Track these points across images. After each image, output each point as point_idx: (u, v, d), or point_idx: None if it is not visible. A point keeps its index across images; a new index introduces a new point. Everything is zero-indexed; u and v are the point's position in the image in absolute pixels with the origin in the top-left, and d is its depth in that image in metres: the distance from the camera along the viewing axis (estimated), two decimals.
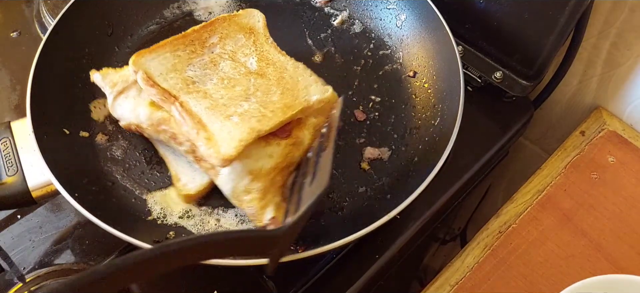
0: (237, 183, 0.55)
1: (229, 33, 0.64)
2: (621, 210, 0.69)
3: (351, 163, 0.64)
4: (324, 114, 0.60)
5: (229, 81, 0.59)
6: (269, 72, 0.60)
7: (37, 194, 0.56)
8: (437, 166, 0.57)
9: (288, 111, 0.56)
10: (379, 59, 0.74)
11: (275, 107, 0.56)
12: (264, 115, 0.55)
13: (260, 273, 0.60)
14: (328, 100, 0.59)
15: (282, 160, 0.56)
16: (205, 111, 0.56)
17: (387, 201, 0.60)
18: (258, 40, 0.64)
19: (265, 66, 0.61)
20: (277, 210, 0.55)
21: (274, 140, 0.56)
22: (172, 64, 0.59)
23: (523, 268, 0.64)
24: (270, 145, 0.56)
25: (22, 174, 0.56)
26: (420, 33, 0.72)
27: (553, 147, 0.80)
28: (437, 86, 0.68)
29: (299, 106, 0.57)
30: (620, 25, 0.72)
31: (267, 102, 0.57)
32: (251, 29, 0.65)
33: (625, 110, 0.78)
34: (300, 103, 0.57)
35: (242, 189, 0.55)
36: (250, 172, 0.55)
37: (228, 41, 0.64)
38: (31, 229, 0.63)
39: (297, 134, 0.58)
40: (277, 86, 0.59)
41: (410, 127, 0.67)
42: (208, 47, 0.63)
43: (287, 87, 0.59)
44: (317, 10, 0.78)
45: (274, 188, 0.56)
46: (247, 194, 0.55)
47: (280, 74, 0.60)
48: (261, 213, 0.55)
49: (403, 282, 0.92)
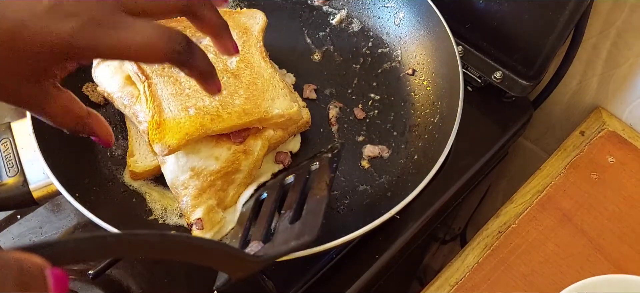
0: (178, 175, 0.55)
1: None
2: (621, 209, 0.69)
3: (351, 161, 0.64)
4: (287, 131, 0.60)
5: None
6: (244, 75, 0.60)
7: (38, 194, 0.56)
8: (438, 162, 0.57)
9: (244, 117, 0.56)
10: (377, 57, 0.74)
11: (233, 110, 0.56)
12: (220, 115, 0.55)
13: (260, 272, 0.60)
14: (290, 116, 0.58)
15: (227, 165, 0.55)
16: (168, 97, 0.56)
17: (387, 199, 0.60)
18: (248, 41, 0.64)
19: (243, 68, 0.61)
20: (206, 212, 0.54)
21: (225, 143, 0.56)
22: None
23: (523, 268, 0.64)
24: (220, 147, 0.56)
25: (23, 174, 0.56)
26: (418, 31, 0.72)
27: (553, 147, 0.80)
28: (436, 84, 0.68)
29: (257, 115, 0.56)
30: (620, 26, 0.72)
31: (227, 104, 0.56)
32: (246, 29, 0.65)
33: (625, 110, 0.78)
34: (259, 112, 0.56)
35: (180, 182, 0.55)
36: (193, 169, 0.55)
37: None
38: (31, 229, 0.63)
39: (250, 143, 0.57)
40: (245, 90, 0.58)
41: (410, 125, 0.67)
42: (198, 37, 0.63)
43: (254, 93, 0.58)
44: (315, 9, 0.78)
45: (211, 190, 0.55)
46: (184, 188, 0.55)
47: (253, 79, 0.60)
48: (191, 210, 0.54)
49: (403, 282, 0.92)
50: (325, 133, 0.66)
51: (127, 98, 0.59)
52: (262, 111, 0.57)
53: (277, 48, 0.70)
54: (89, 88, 0.65)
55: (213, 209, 0.55)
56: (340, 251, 0.62)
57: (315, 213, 0.48)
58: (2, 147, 0.58)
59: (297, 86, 0.70)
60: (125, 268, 0.60)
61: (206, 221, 0.54)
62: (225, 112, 0.55)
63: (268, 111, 0.57)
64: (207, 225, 0.54)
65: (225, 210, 0.57)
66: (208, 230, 0.54)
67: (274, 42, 0.69)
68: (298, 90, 0.69)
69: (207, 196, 0.55)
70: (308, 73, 0.71)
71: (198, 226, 0.54)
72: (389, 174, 0.63)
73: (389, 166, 0.64)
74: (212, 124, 0.54)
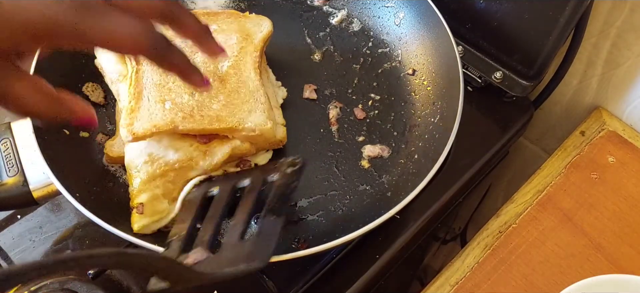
0: (135, 157, 0.55)
1: (227, 29, 0.64)
2: (621, 209, 0.69)
3: (351, 161, 0.64)
4: (256, 145, 0.59)
5: None
6: (230, 81, 0.60)
7: (38, 194, 0.56)
8: (438, 162, 0.57)
9: (215, 123, 0.55)
10: (377, 57, 0.74)
11: (207, 114, 0.56)
12: (193, 116, 0.55)
13: (260, 272, 0.60)
14: (262, 132, 0.57)
15: (184, 160, 0.55)
16: (151, 85, 0.57)
17: (387, 199, 0.60)
18: (245, 48, 0.63)
19: (232, 74, 0.60)
20: (150, 200, 0.54)
21: (189, 138, 0.56)
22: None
23: (523, 268, 0.64)
24: (182, 140, 0.56)
25: (23, 174, 0.56)
26: (418, 31, 0.72)
27: (553, 147, 0.80)
28: (436, 83, 0.68)
29: (229, 124, 0.56)
30: (620, 26, 0.72)
31: (205, 106, 0.56)
32: (248, 36, 0.64)
33: (625, 110, 0.78)
34: (232, 122, 0.56)
35: (135, 165, 0.55)
36: (150, 155, 0.55)
37: (221, 36, 0.63)
38: (31, 229, 0.63)
39: (213, 146, 0.57)
40: (225, 96, 0.58)
41: (410, 125, 0.67)
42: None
43: (233, 101, 0.58)
44: (315, 9, 0.78)
45: (161, 180, 0.55)
46: (137, 171, 0.55)
47: (237, 87, 0.59)
48: (137, 194, 0.54)
49: (403, 282, 0.92)
50: (325, 133, 0.66)
51: (116, 75, 0.60)
52: (235, 121, 0.56)
53: (277, 48, 0.70)
54: (89, 88, 0.65)
55: (158, 198, 0.55)
56: (340, 251, 0.62)
57: (268, 237, 0.46)
58: (2, 147, 0.58)
59: (297, 86, 0.70)
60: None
61: (148, 208, 0.54)
62: (199, 113, 0.56)
63: (241, 123, 0.56)
64: (147, 212, 0.54)
65: (171, 203, 0.56)
66: (147, 216, 0.54)
67: (274, 42, 0.69)
68: (298, 90, 0.69)
69: (155, 184, 0.55)
70: (308, 73, 0.71)
71: (139, 210, 0.54)
72: (389, 174, 0.63)
73: (389, 166, 0.64)
74: (183, 123, 0.54)
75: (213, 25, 0.64)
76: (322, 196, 0.61)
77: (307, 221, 0.59)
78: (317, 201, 0.60)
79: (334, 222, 0.59)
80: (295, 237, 0.57)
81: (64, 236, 0.63)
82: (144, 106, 0.55)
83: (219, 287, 0.58)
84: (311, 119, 0.67)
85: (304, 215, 0.59)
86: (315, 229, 0.58)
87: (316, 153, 0.64)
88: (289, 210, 0.52)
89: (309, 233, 0.57)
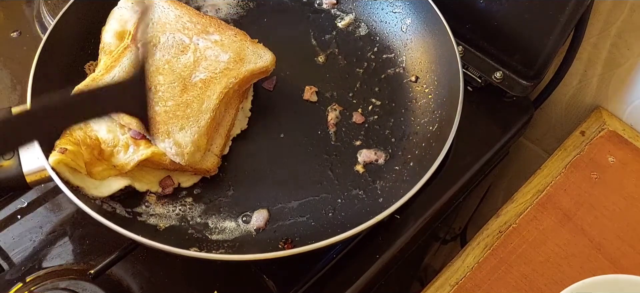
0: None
1: (226, 45, 0.64)
2: (621, 209, 0.69)
3: (346, 165, 0.64)
4: (175, 164, 0.59)
5: (170, 69, 0.61)
6: (190, 92, 0.60)
7: (31, 179, 0.57)
8: (429, 172, 0.56)
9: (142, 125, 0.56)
10: (382, 62, 0.74)
11: (150, 112, 0.56)
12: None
13: (261, 272, 0.60)
14: (178, 153, 0.56)
15: (109, 145, 0.57)
16: (125, 67, 0.59)
17: (379, 205, 0.60)
18: (229, 71, 0.62)
19: (197, 87, 0.60)
20: (73, 153, 0.55)
21: (125, 129, 0.58)
22: (170, 19, 0.64)
23: (523, 268, 0.64)
24: (121, 128, 0.58)
25: (18, 159, 0.57)
26: (424, 38, 0.72)
27: (553, 147, 0.80)
28: (437, 92, 0.68)
29: (155, 133, 0.57)
30: (620, 25, 0.72)
31: (150, 104, 0.57)
32: (241, 60, 0.63)
33: (626, 110, 0.78)
34: (157, 131, 0.57)
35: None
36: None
37: (217, 48, 0.63)
38: (31, 229, 0.63)
39: (140, 145, 0.57)
40: (174, 104, 0.58)
41: (409, 132, 0.67)
42: (201, 35, 0.64)
43: (175, 112, 0.58)
44: (323, 12, 0.78)
45: (88, 149, 0.56)
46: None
47: (191, 101, 0.59)
48: (65, 141, 0.56)
49: (403, 282, 0.92)
50: (322, 135, 0.66)
51: (108, 47, 0.64)
52: (162, 131, 0.56)
53: (282, 49, 0.70)
54: (91, 67, 0.66)
55: (80, 157, 0.55)
56: (340, 251, 0.62)
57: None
58: None
59: (298, 87, 0.70)
60: (125, 268, 0.60)
61: (69, 155, 0.54)
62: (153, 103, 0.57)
63: (164, 136, 0.56)
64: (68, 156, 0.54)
65: (91, 176, 0.56)
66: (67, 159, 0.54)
67: (279, 42, 0.69)
68: (299, 91, 0.69)
69: (82, 148, 0.56)
70: (311, 75, 0.71)
71: (61, 151, 0.54)
72: (383, 180, 0.63)
73: (384, 172, 0.63)
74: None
75: (215, 35, 0.64)
76: (313, 198, 0.61)
77: (296, 222, 0.59)
78: (307, 203, 0.61)
79: (323, 225, 0.59)
80: (283, 237, 0.57)
81: (64, 236, 0.63)
82: (105, 79, 0.57)
83: (219, 287, 0.59)
84: (309, 120, 0.67)
85: (293, 217, 0.59)
86: (304, 230, 0.58)
87: (311, 154, 0.64)
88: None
89: (297, 235, 0.58)
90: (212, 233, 0.57)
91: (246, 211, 0.59)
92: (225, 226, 0.58)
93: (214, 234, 0.57)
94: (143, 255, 0.62)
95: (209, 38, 0.64)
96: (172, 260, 0.61)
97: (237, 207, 0.60)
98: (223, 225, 0.58)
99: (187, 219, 0.58)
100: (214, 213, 0.59)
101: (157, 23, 0.65)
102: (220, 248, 0.56)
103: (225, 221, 0.59)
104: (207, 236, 0.57)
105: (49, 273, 0.59)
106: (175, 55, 0.62)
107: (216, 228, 0.58)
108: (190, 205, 0.59)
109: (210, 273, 0.61)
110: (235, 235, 0.58)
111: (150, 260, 0.61)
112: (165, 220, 0.58)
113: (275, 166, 0.63)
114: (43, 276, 0.59)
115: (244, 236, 0.58)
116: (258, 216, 0.59)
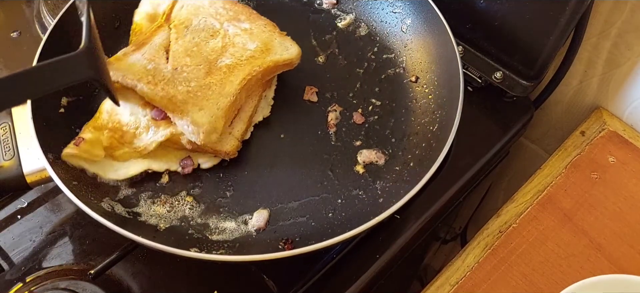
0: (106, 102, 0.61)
1: (255, 33, 0.65)
2: (621, 209, 0.69)
3: (346, 165, 0.64)
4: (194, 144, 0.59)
5: (198, 51, 0.62)
6: (214, 76, 0.60)
7: (31, 179, 0.57)
8: (429, 172, 0.56)
9: (165, 101, 0.57)
10: (382, 62, 0.74)
11: (168, 91, 0.58)
12: (156, 85, 0.58)
13: (261, 272, 0.60)
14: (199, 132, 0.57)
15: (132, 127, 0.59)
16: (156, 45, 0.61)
17: (379, 205, 0.60)
18: (255, 60, 0.63)
19: (222, 71, 0.61)
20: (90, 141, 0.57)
21: (149, 108, 0.59)
22: (204, 3, 0.66)
23: (523, 268, 0.64)
24: (144, 107, 0.59)
25: (18, 159, 0.57)
26: (424, 38, 0.72)
27: (553, 147, 0.80)
28: (438, 92, 0.68)
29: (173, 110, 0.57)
30: (620, 26, 0.72)
31: (174, 83, 0.59)
32: (267, 50, 0.64)
33: (626, 110, 0.78)
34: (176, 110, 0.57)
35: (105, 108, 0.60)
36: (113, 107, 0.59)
37: (246, 36, 0.64)
38: (31, 229, 0.63)
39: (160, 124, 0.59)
40: (196, 85, 0.59)
41: (409, 133, 0.67)
42: (232, 22, 0.65)
43: (196, 93, 0.59)
44: (323, 12, 0.78)
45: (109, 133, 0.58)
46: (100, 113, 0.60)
47: (213, 84, 0.59)
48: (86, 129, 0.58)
49: (403, 282, 0.92)
50: (322, 136, 0.66)
51: (139, 28, 0.66)
52: (180, 111, 0.57)
53: None
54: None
55: (99, 144, 0.57)
56: (340, 251, 0.62)
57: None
58: (1, 131, 0.59)
59: (298, 87, 0.70)
60: (126, 268, 0.60)
61: (85, 144, 0.56)
62: (162, 86, 0.58)
63: (183, 114, 0.57)
64: (82, 148, 0.56)
65: (113, 158, 0.58)
66: (80, 150, 0.56)
67: None
68: (299, 91, 0.69)
69: (103, 133, 0.58)
70: (311, 75, 0.71)
71: (77, 142, 0.56)
72: (384, 180, 0.63)
73: (384, 172, 0.63)
74: (143, 87, 0.57)
75: (245, 24, 0.65)
76: (313, 199, 0.61)
77: (297, 222, 0.59)
78: (307, 203, 0.60)
79: (323, 225, 0.59)
80: (283, 237, 0.57)
81: (64, 236, 0.63)
82: (134, 56, 0.59)
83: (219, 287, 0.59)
84: (309, 121, 0.67)
85: (293, 217, 0.59)
86: (304, 231, 0.58)
87: (311, 155, 0.64)
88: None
89: (297, 235, 0.58)
90: (212, 234, 0.57)
91: (246, 212, 0.59)
92: (226, 227, 0.58)
93: (214, 234, 0.57)
94: (143, 255, 0.62)
95: (240, 25, 0.65)
96: (172, 260, 0.61)
97: (237, 207, 0.60)
98: (223, 225, 0.58)
99: (187, 219, 0.58)
100: (214, 214, 0.59)
101: (191, 6, 0.66)
102: (221, 248, 0.56)
103: (225, 221, 0.59)
104: (207, 236, 0.57)
105: (49, 273, 0.59)
106: (204, 38, 0.63)
107: (216, 229, 0.58)
108: (191, 205, 0.59)
109: (210, 273, 0.61)
110: (236, 235, 0.58)
111: (150, 260, 0.61)
112: (166, 220, 0.58)
113: (275, 166, 0.63)
114: (43, 276, 0.59)
115: (244, 237, 0.58)
116: (258, 217, 0.59)
